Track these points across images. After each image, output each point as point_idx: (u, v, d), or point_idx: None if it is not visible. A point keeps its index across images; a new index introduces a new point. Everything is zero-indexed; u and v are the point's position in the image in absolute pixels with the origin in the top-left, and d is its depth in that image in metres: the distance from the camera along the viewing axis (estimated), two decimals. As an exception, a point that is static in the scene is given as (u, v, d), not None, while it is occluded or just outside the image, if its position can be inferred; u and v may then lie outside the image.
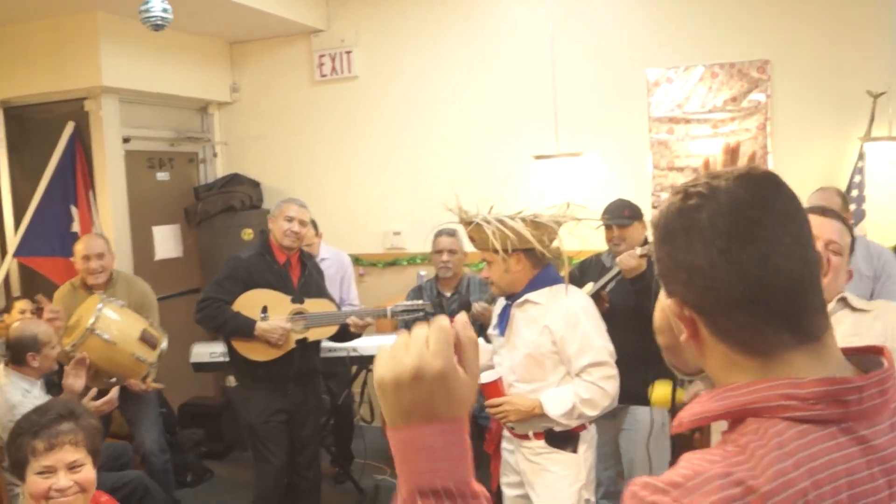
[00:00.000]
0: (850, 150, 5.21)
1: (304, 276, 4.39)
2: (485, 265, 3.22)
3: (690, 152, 5.64)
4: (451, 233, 4.76)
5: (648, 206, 5.65)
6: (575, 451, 3.15)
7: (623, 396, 3.16)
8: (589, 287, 4.13)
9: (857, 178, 5.07)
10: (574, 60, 5.84)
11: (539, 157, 5.79)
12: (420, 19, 6.27)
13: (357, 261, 6.28)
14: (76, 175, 5.67)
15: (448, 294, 4.82)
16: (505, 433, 3.34)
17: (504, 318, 3.25)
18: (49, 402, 2.61)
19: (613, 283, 4.01)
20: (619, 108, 5.79)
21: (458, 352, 0.99)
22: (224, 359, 4.61)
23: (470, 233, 3.18)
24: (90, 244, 4.73)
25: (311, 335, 4.29)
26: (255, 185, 6.70)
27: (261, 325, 4.14)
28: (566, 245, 3.24)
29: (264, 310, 4.19)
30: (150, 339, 4.52)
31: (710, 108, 5.58)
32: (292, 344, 4.21)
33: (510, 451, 3.32)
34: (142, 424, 4.75)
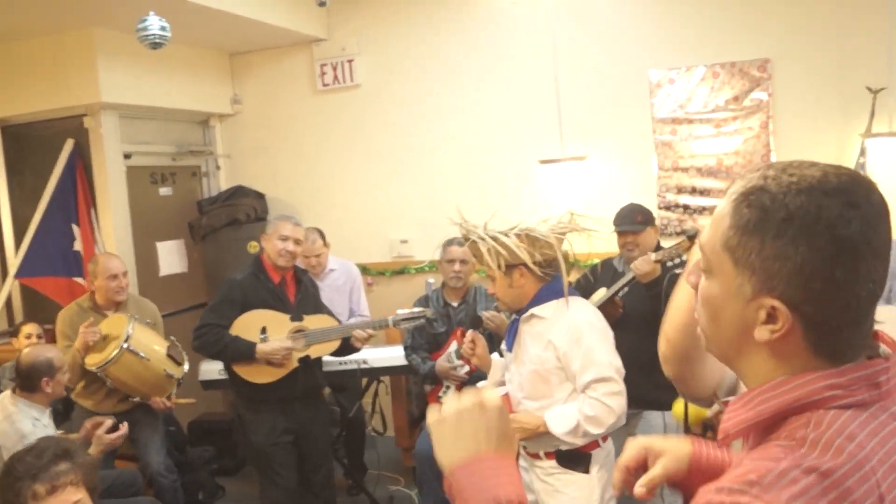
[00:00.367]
0: (852, 146, 5.19)
1: (300, 292, 4.33)
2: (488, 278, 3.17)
3: (694, 152, 5.62)
4: (462, 242, 4.72)
5: (654, 206, 5.62)
6: (587, 471, 3.07)
7: (637, 402, 3.11)
8: (602, 293, 4.11)
9: (862, 174, 5.04)
10: (576, 64, 5.81)
11: (544, 162, 5.76)
12: (421, 26, 6.25)
13: (365, 270, 6.25)
14: (77, 193, 5.64)
15: (455, 304, 4.78)
16: (520, 451, 3.30)
17: (512, 332, 3.20)
18: (42, 441, 2.54)
19: (627, 288, 3.99)
20: (622, 111, 5.77)
21: None
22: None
23: (470, 249, 3.14)
24: (116, 263, 4.70)
25: (313, 352, 4.23)
26: (260, 196, 6.67)
27: (261, 347, 4.07)
28: (576, 248, 3.18)
29: (263, 330, 4.13)
30: (176, 356, 4.55)
31: (712, 108, 5.55)
32: (295, 363, 4.14)
33: (525, 468, 3.27)
34: (148, 445, 4.71)
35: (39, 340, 4.89)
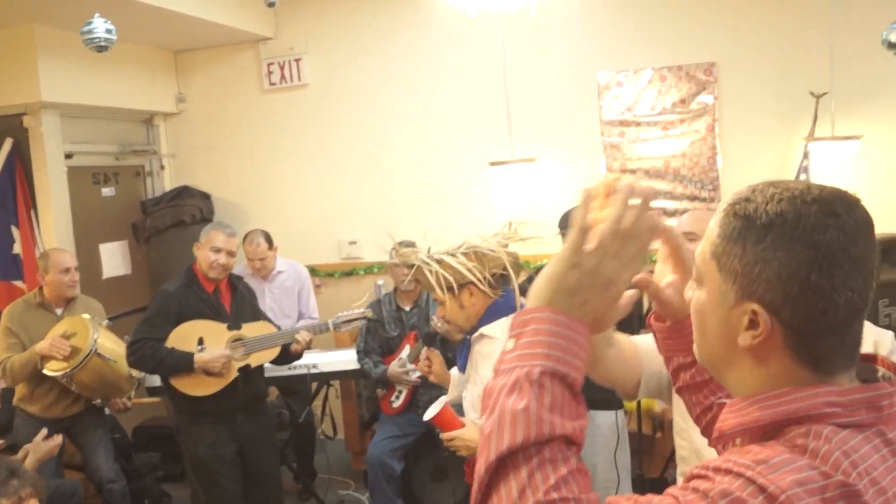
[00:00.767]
0: (796, 150, 5.31)
1: (236, 300, 4.23)
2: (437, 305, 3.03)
3: (642, 154, 5.69)
4: (413, 245, 4.69)
5: (603, 209, 5.67)
6: None
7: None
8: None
9: (803, 177, 5.15)
10: (526, 66, 5.83)
11: (494, 164, 5.76)
12: (370, 26, 6.21)
13: (313, 271, 6.19)
14: (16, 194, 5.48)
15: (408, 308, 4.77)
16: None
17: (464, 353, 3.10)
18: None
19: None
20: (571, 113, 5.81)
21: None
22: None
23: (414, 275, 2.96)
24: (67, 256, 4.60)
25: (254, 360, 4.13)
26: (206, 197, 6.57)
27: (200, 357, 3.96)
28: (521, 254, 3.13)
29: (200, 342, 4.03)
30: None
31: (659, 111, 5.62)
32: (235, 373, 4.05)
33: None
34: (96, 452, 4.61)
35: None
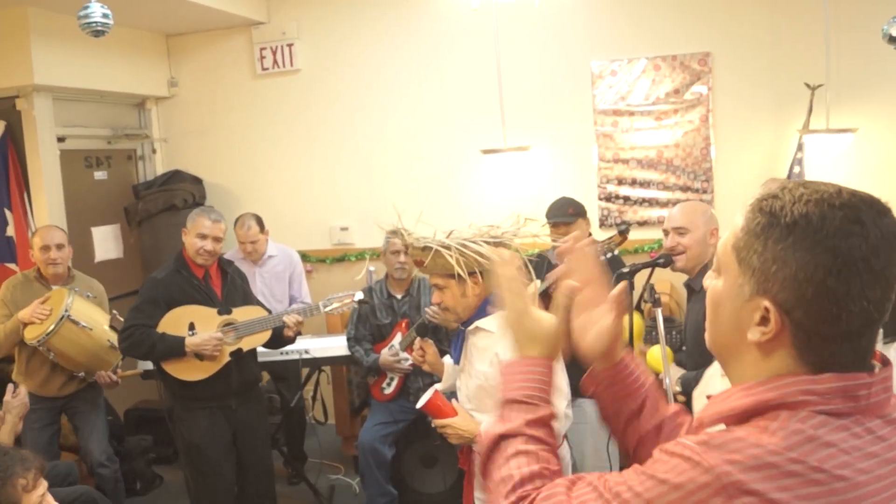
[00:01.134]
0: (790, 142, 5.32)
1: (226, 285, 4.21)
2: (434, 291, 3.01)
3: (635, 144, 5.70)
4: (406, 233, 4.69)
5: (595, 197, 5.71)
6: None
7: (572, 390, 3.09)
8: (536, 285, 4.12)
9: (797, 170, 5.17)
10: (519, 54, 5.83)
11: (487, 152, 5.77)
12: (363, 11, 6.19)
13: (304, 257, 6.19)
14: (9, 177, 5.47)
15: (399, 296, 4.77)
16: (476, 449, 3.28)
17: (458, 344, 3.12)
18: None
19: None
20: (564, 101, 5.81)
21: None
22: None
23: (418, 257, 2.92)
24: (49, 234, 4.58)
25: (245, 345, 4.11)
26: (198, 181, 6.57)
27: (191, 340, 3.96)
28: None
29: (191, 327, 4.03)
30: (119, 327, 4.46)
31: (653, 101, 5.63)
32: (227, 357, 4.04)
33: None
34: (91, 434, 4.64)
35: None
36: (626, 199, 5.74)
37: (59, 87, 5.62)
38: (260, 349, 4.30)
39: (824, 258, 1.03)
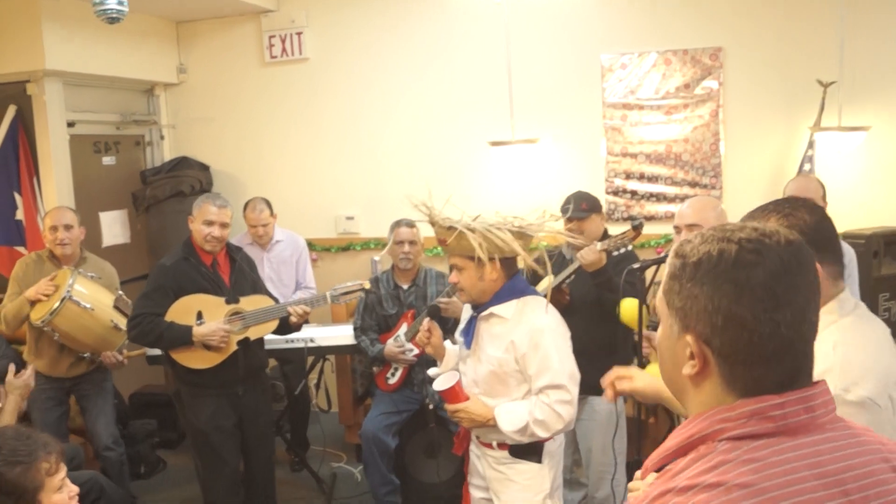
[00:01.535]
0: (800, 139, 5.31)
1: (234, 273, 4.21)
2: (453, 270, 3.09)
3: (644, 138, 5.69)
4: (411, 223, 4.70)
5: (603, 191, 5.70)
6: (539, 461, 3.10)
7: (583, 387, 3.12)
8: (549, 280, 4.13)
9: (807, 167, 5.16)
10: (529, 45, 5.82)
11: (495, 144, 5.77)
12: (372, 1, 6.18)
13: (310, 246, 6.19)
14: (19, 161, 5.50)
15: (405, 286, 4.78)
16: (473, 437, 3.32)
17: (470, 330, 3.17)
18: (3, 431, 2.49)
19: (573, 276, 4.02)
20: (573, 95, 5.80)
21: None
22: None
23: (443, 236, 3.02)
24: (58, 214, 4.59)
25: (252, 334, 4.12)
26: (205, 168, 6.58)
27: (198, 331, 3.96)
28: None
29: (199, 316, 4.03)
30: (123, 308, 4.50)
31: (663, 95, 5.62)
32: (234, 346, 4.05)
33: (477, 456, 3.29)
34: (98, 417, 4.66)
35: None
36: (634, 193, 5.74)
37: (70, 73, 5.62)
38: (266, 337, 4.32)
39: (725, 288, 1.12)
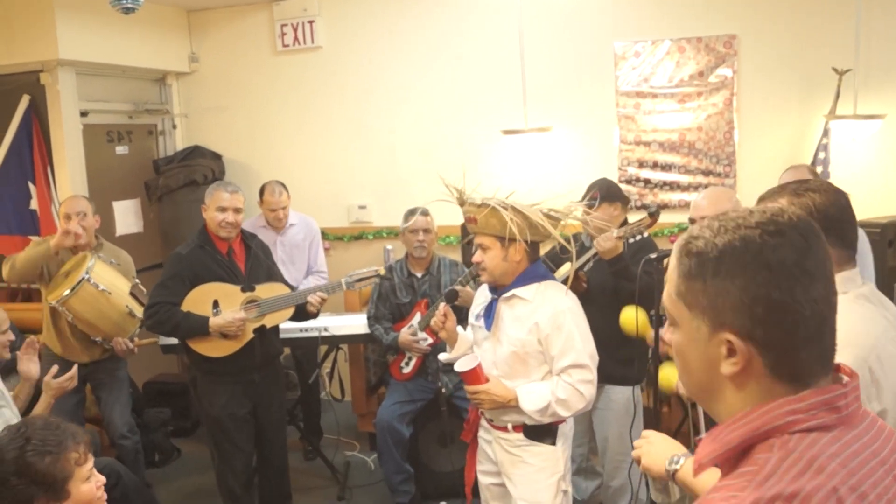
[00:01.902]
0: (815, 127, 5.27)
1: (249, 260, 4.22)
2: (477, 250, 3.14)
3: (657, 127, 5.67)
4: (425, 212, 4.70)
5: (616, 179, 5.67)
6: (554, 443, 3.14)
7: (598, 376, 3.14)
8: (567, 267, 4.12)
9: (822, 155, 5.13)
10: (542, 34, 5.79)
11: (508, 132, 5.76)
12: (385, -11, 6.17)
13: (322, 234, 6.19)
14: (33, 151, 5.51)
15: (419, 275, 4.77)
16: (483, 423, 3.33)
17: (490, 312, 3.20)
18: (29, 422, 2.49)
19: (591, 263, 4.01)
20: (586, 82, 5.77)
21: None
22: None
23: (472, 214, 3.08)
24: (72, 203, 4.61)
25: (268, 321, 4.13)
26: (217, 157, 6.59)
27: (215, 321, 3.98)
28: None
29: (215, 304, 4.05)
30: (139, 296, 4.51)
31: (676, 83, 5.59)
32: (250, 334, 4.06)
33: (487, 441, 3.31)
34: (114, 405, 4.68)
35: None
36: (647, 181, 5.72)
37: (83, 62, 5.63)
38: (282, 325, 4.33)
39: (761, 275, 1.08)
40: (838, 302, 1.15)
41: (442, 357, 3.48)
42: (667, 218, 5.59)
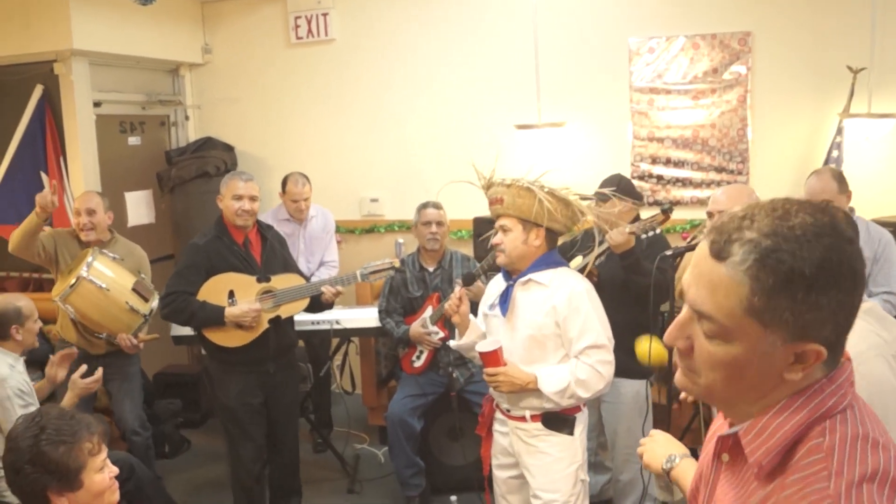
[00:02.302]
0: (829, 125, 5.25)
1: (265, 251, 4.23)
2: (498, 232, 3.17)
3: (671, 123, 5.65)
4: (438, 205, 4.70)
5: (629, 175, 5.65)
6: (572, 433, 3.16)
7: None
8: (578, 260, 4.12)
9: (835, 154, 5.11)
10: (556, 29, 5.78)
11: (521, 127, 5.74)
12: (400, -18, 6.15)
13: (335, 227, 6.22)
14: (46, 140, 5.51)
15: (431, 269, 4.77)
16: (498, 415, 3.33)
17: (506, 298, 3.21)
18: (44, 411, 2.50)
19: (603, 257, 4.01)
20: (600, 78, 5.75)
21: None
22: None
23: (499, 195, 3.13)
24: (83, 199, 4.63)
25: (283, 312, 4.15)
26: (229, 149, 6.59)
27: (230, 311, 4.00)
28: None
29: (231, 294, 4.06)
30: (142, 291, 4.50)
31: (690, 79, 5.57)
32: (265, 324, 4.08)
33: (503, 433, 3.31)
34: (124, 400, 4.68)
35: None
36: (660, 178, 5.71)
37: (97, 53, 5.64)
38: (295, 317, 4.34)
39: (850, 284, 1.09)
40: None
41: (452, 343, 3.48)
42: (680, 214, 5.58)
